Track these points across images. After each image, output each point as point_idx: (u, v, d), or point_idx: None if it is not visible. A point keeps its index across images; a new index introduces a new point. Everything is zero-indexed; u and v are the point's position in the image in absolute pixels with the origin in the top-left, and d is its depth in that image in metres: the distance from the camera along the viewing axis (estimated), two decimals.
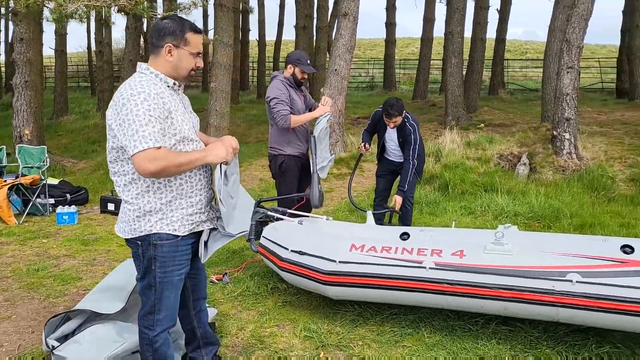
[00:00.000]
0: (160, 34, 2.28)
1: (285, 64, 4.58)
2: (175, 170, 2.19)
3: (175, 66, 2.30)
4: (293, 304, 3.81)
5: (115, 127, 2.17)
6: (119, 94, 2.20)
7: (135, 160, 2.12)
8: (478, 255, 3.09)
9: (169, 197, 2.30)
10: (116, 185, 2.33)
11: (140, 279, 2.39)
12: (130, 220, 2.30)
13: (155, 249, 2.30)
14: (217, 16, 9.47)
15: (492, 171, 7.87)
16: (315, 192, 4.19)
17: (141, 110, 2.13)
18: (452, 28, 11.28)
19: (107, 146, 2.29)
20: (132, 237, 2.32)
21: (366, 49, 48.51)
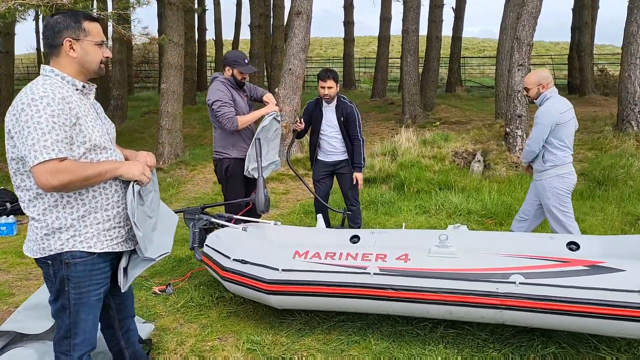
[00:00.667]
0: (56, 31, 2.08)
1: (223, 65, 4.43)
2: (82, 184, 2.01)
3: (81, 61, 2.11)
4: (238, 314, 3.65)
5: (15, 135, 1.97)
6: (18, 98, 1.99)
7: (35, 173, 1.92)
8: (422, 259, 3.02)
9: (81, 212, 2.11)
10: (20, 201, 2.11)
11: (53, 301, 2.19)
12: (38, 239, 2.10)
13: (68, 269, 2.11)
14: (167, 15, 9.21)
15: (447, 169, 7.89)
16: (261, 197, 4.05)
17: (43, 117, 1.93)
18: (407, 26, 11.30)
19: (7, 157, 2.07)
20: (41, 257, 2.11)
21: (327, 48, 48.59)
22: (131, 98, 18.91)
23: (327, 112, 4.90)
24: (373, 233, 4.08)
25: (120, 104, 13.27)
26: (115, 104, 13.24)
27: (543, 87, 4.05)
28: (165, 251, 2.32)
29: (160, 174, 8.75)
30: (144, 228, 2.21)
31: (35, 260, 2.18)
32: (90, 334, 2.25)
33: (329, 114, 4.89)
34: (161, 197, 6.94)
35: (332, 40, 49.75)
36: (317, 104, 4.95)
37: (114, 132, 2.33)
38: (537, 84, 4.06)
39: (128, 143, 12.23)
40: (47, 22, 2.14)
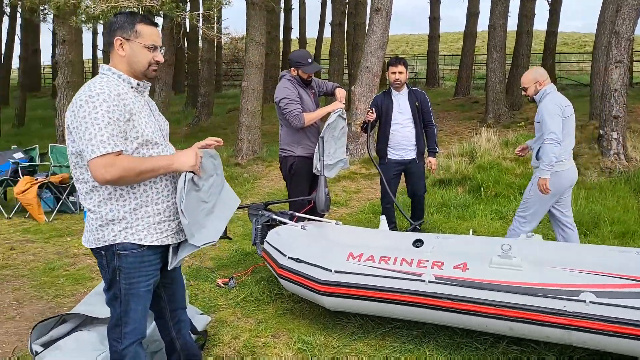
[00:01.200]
0: (111, 29, 2.18)
1: (289, 66, 4.45)
2: (135, 179, 2.08)
3: (129, 61, 2.19)
4: (294, 312, 3.66)
5: (73, 131, 2.07)
6: (77, 95, 2.10)
7: (91, 166, 2.01)
8: (482, 269, 2.83)
9: (132, 205, 2.17)
10: (79, 193, 2.23)
11: (107, 290, 2.30)
12: (93, 230, 2.19)
13: (120, 260, 2.19)
14: (249, 14, 9.44)
15: (530, 173, 7.40)
16: (322, 196, 4.02)
17: (100, 113, 2.02)
18: (494, 21, 10.76)
19: (67, 151, 2.19)
20: (95, 247, 2.22)
21: (414, 45, 47.73)
22: (219, 95, 19.73)
23: (399, 99, 4.87)
24: (437, 238, 3.89)
25: (207, 101, 13.85)
26: (202, 101, 13.85)
27: (540, 84, 3.99)
28: (211, 240, 2.33)
29: (238, 169, 9.04)
30: (194, 215, 2.23)
31: (91, 250, 2.29)
32: (140, 323, 2.33)
33: (401, 101, 4.86)
34: (237, 192, 7.13)
35: (419, 37, 48.76)
36: (386, 94, 4.94)
37: (167, 129, 2.41)
38: (534, 81, 4.00)
39: None
40: (108, 22, 2.27)
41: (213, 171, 2.40)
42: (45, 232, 5.85)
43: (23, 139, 13.47)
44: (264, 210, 4.22)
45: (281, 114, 4.32)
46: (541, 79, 3.99)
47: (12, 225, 6.13)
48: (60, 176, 6.51)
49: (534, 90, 4.01)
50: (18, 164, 6.48)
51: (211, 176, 2.38)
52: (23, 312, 3.75)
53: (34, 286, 4.22)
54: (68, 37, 9.90)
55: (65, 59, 10.02)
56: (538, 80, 3.99)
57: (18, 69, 19.16)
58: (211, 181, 2.38)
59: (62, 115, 10.21)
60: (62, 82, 10.11)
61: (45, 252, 5.16)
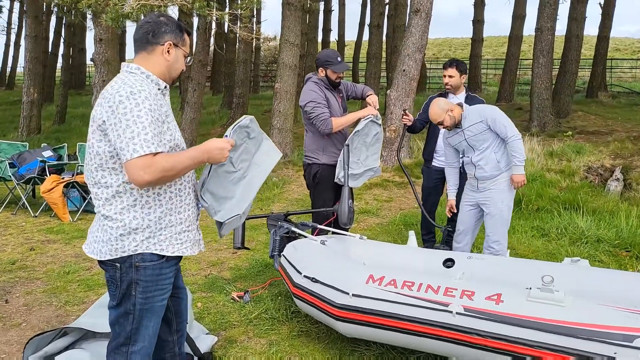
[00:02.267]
0: (160, 31, 2.10)
1: (316, 66, 4.19)
2: (174, 177, 1.99)
3: (170, 66, 2.14)
4: (310, 334, 3.38)
5: (110, 127, 1.91)
6: (112, 90, 1.95)
7: (129, 166, 1.88)
8: (519, 302, 2.48)
9: (157, 213, 2.06)
10: (95, 198, 2.06)
11: (116, 306, 2.11)
12: (112, 240, 2.02)
13: (138, 272, 2.05)
14: (284, 15, 9.24)
15: (577, 186, 6.90)
16: (345, 208, 3.74)
17: (143, 111, 1.90)
18: (542, 24, 10.20)
19: (90, 151, 2.03)
20: (110, 259, 2.04)
21: (457, 49, 46.89)
22: (256, 97, 19.69)
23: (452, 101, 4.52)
24: (470, 258, 3.57)
25: (241, 102, 13.78)
26: (237, 102, 13.77)
27: (451, 110, 3.91)
28: (236, 213, 2.29)
29: (269, 173, 8.82)
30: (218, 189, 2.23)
31: (99, 263, 2.12)
32: (150, 342, 2.18)
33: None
34: (266, 196, 6.93)
35: (462, 41, 47.80)
36: (442, 95, 4.63)
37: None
38: (445, 111, 3.90)
39: None
40: (150, 18, 2.16)
41: (242, 140, 2.30)
42: (67, 232, 5.78)
43: (62, 136, 13.74)
44: (284, 221, 3.96)
45: (307, 118, 4.07)
46: (448, 107, 3.92)
47: (37, 224, 6.10)
48: None
49: (449, 119, 3.90)
50: (45, 162, 6.45)
51: (240, 145, 2.29)
52: (30, 319, 3.61)
53: (46, 291, 4.10)
54: (105, 36, 9.95)
55: (101, 58, 10.08)
56: (447, 109, 3.91)
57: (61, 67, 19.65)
58: (240, 150, 2.29)
59: None
60: (98, 80, 10.17)
61: (64, 254, 5.06)
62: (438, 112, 3.94)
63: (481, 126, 3.83)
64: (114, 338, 2.17)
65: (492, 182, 3.91)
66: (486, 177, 3.92)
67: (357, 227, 6.28)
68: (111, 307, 2.16)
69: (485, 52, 41.25)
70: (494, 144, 3.86)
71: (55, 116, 16.09)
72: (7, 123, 16.02)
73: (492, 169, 3.89)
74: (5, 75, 29.92)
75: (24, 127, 13.46)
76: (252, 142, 2.36)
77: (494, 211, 3.91)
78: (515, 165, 3.80)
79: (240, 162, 2.31)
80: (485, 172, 3.91)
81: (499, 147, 3.87)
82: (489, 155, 3.88)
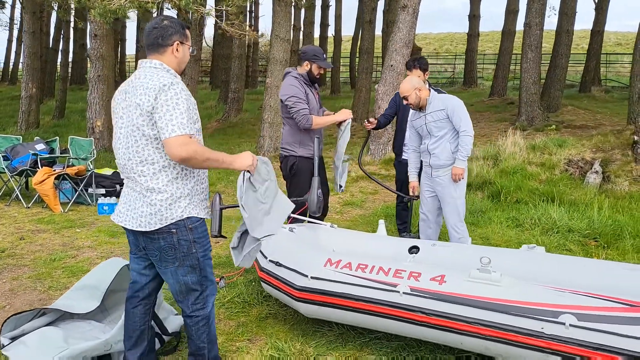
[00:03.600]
0: (167, 33, 2.43)
1: (300, 59, 4.34)
2: (201, 163, 2.30)
3: (180, 61, 2.49)
4: (277, 316, 3.56)
5: (154, 111, 2.25)
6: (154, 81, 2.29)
7: (169, 143, 2.22)
8: (460, 282, 2.65)
9: (192, 183, 2.44)
10: (142, 175, 2.36)
11: (178, 266, 2.45)
12: (162, 209, 2.36)
13: (192, 232, 2.43)
14: (275, 11, 9.39)
15: (557, 179, 7.04)
16: (314, 198, 3.91)
17: (181, 99, 2.27)
18: (530, 19, 10.31)
19: (134, 135, 2.33)
20: (162, 227, 2.36)
21: (458, 43, 46.76)
22: (253, 92, 19.85)
23: None
24: (434, 245, 3.74)
25: (237, 97, 13.94)
26: (233, 96, 13.94)
27: (419, 90, 4.09)
28: (270, 233, 2.61)
29: None
30: (253, 211, 2.52)
31: (147, 234, 2.40)
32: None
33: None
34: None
35: (464, 36, 47.73)
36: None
37: None
38: (413, 89, 4.09)
39: (239, 134, 12.83)
40: (156, 24, 2.46)
41: (267, 176, 2.65)
42: (57, 222, 5.98)
43: (61, 131, 13.94)
44: None
45: (287, 112, 4.22)
46: (419, 86, 4.10)
47: (29, 215, 6.30)
48: (77, 168, 6.65)
49: (415, 97, 4.09)
50: (37, 155, 6.65)
51: (266, 181, 2.64)
52: (14, 302, 3.81)
53: (32, 277, 4.29)
54: (99, 31, 10.15)
55: (96, 53, 10.29)
56: (416, 87, 4.08)
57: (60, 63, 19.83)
58: (266, 185, 2.64)
59: (92, 108, 10.50)
60: (93, 75, 10.39)
61: (52, 243, 5.26)
62: (407, 88, 4.13)
63: (441, 114, 4.01)
64: (186, 294, 2.52)
65: (445, 171, 4.10)
66: (439, 166, 4.11)
67: (341, 218, 6.46)
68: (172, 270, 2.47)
69: (486, 47, 41.17)
70: (450, 134, 4.04)
71: (55, 111, 16.31)
72: (8, 118, 16.25)
73: (445, 159, 4.08)
74: (7, 71, 30.18)
75: (23, 122, 13.68)
76: (273, 184, 2.70)
77: (447, 199, 4.12)
78: (457, 158, 4.01)
79: (266, 197, 2.64)
80: (439, 161, 4.10)
81: (454, 139, 4.04)
82: (444, 144, 4.07)
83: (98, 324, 3.28)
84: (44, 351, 2.68)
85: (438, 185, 4.16)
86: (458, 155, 4.00)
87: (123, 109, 2.40)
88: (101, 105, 10.41)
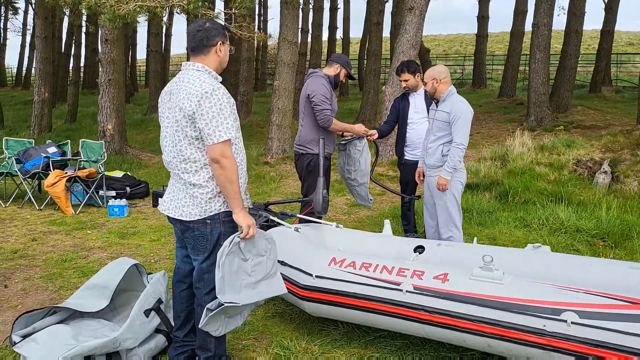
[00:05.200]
0: (211, 35, 2.54)
1: (332, 61, 4.46)
2: (224, 180, 2.44)
3: (222, 61, 2.60)
4: (284, 315, 3.60)
5: (198, 117, 2.38)
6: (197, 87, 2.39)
7: (214, 148, 2.39)
8: (463, 281, 2.68)
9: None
10: (185, 172, 2.52)
11: (207, 257, 2.59)
12: (202, 202, 2.52)
13: (224, 225, 2.58)
14: (282, 13, 9.46)
15: (565, 179, 7.01)
16: (319, 198, 3.95)
17: (224, 103, 2.41)
18: (538, 20, 10.28)
19: (178, 134, 2.48)
20: (202, 218, 2.52)
21: (468, 45, 46.55)
22: (262, 95, 19.93)
23: (415, 98, 4.89)
24: (440, 245, 3.76)
25: (246, 99, 14.03)
26: (242, 99, 14.03)
27: (437, 81, 4.07)
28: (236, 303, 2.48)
29: (266, 168, 9.07)
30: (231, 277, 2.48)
31: (183, 224, 2.59)
32: None
33: (418, 100, 4.87)
34: (262, 190, 7.21)
35: (473, 38, 47.53)
36: (404, 95, 4.98)
37: None
38: (431, 78, 4.09)
39: (248, 137, 12.89)
40: (200, 26, 2.58)
41: (264, 252, 2.66)
42: (69, 224, 6.07)
43: (72, 134, 14.10)
44: (264, 210, 4.18)
45: (311, 108, 4.26)
46: (439, 77, 4.07)
47: (41, 217, 6.40)
48: (87, 170, 6.74)
49: (430, 86, 4.11)
50: (49, 158, 6.75)
51: (261, 256, 2.65)
52: (26, 302, 3.88)
53: (43, 277, 4.37)
54: (110, 36, 10.27)
55: (107, 58, 10.41)
56: (435, 78, 4.07)
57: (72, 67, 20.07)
58: (259, 260, 2.63)
59: (103, 112, 10.62)
60: (104, 79, 10.50)
61: (64, 244, 5.34)
62: (428, 75, 4.15)
63: (445, 116, 4.03)
64: (207, 285, 2.63)
65: (435, 172, 4.13)
66: (430, 166, 4.17)
67: (348, 219, 6.49)
68: (201, 260, 2.62)
69: (496, 48, 40.92)
70: (447, 139, 4.06)
71: (67, 115, 16.51)
72: (21, 122, 16.46)
73: (435, 160, 4.13)
74: (21, 76, 30.60)
75: (35, 126, 13.86)
76: (269, 262, 2.69)
77: (438, 201, 4.14)
78: (443, 168, 4.02)
79: (254, 272, 2.60)
80: (430, 160, 4.17)
81: (449, 144, 4.04)
82: (438, 146, 4.10)
83: (107, 322, 3.33)
84: (55, 348, 2.74)
85: (431, 184, 4.21)
86: (445, 165, 4.00)
87: (169, 109, 2.54)
88: (112, 109, 10.53)
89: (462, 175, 4.15)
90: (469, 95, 17.67)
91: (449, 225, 4.13)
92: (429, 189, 4.27)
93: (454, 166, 3.99)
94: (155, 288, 3.18)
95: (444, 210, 4.13)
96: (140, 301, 3.05)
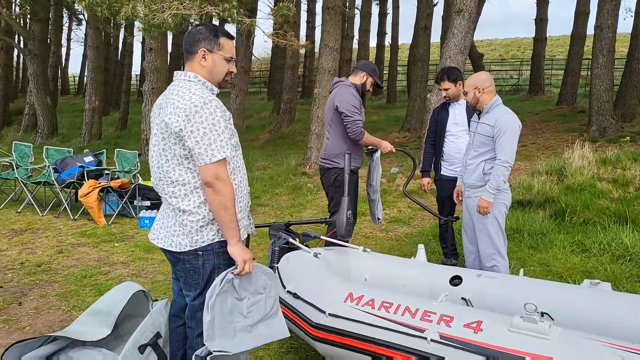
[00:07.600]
0: (195, 40, 2.25)
1: (357, 70, 4.17)
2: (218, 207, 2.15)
3: (210, 71, 2.28)
4: (299, 351, 3.25)
5: (187, 134, 2.10)
6: (185, 101, 2.12)
7: (206, 169, 2.11)
8: (500, 332, 2.23)
9: None
10: (173, 196, 2.23)
11: (199, 294, 2.30)
12: (192, 231, 2.22)
13: (218, 258, 2.27)
14: (324, 19, 9.17)
15: (631, 198, 6.28)
16: (342, 219, 3.59)
17: (216, 118, 2.12)
18: (602, 21, 9.47)
19: (164, 154, 2.20)
20: (192, 249, 2.23)
21: (526, 49, 44.85)
22: (307, 102, 19.76)
23: (455, 109, 4.44)
24: (479, 276, 3.30)
25: (289, 107, 13.84)
26: (285, 107, 13.85)
27: (479, 91, 3.61)
28: (228, 352, 2.16)
29: (304, 179, 8.77)
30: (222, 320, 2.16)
31: (172, 255, 2.30)
32: None
33: (458, 111, 4.42)
34: (298, 202, 6.97)
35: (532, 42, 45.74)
36: (444, 104, 4.53)
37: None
38: (473, 87, 3.62)
39: (289, 145, 12.68)
40: (189, 30, 2.32)
41: (262, 290, 2.36)
42: (98, 236, 5.98)
43: (122, 142, 14.41)
44: (284, 231, 3.85)
45: (337, 120, 4.00)
46: (482, 86, 3.61)
47: (73, 227, 6.35)
48: (120, 181, 6.66)
49: (471, 96, 3.64)
50: (84, 167, 6.72)
51: (259, 294, 2.34)
52: (35, 323, 3.72)
53: (59, 294, 4.22)
54: (155, 45, 10.33)
55: (151, 66, 10.48)
56: (477, 87, 3.61)
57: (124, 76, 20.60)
58: (256, 299, 2.32)
59: (147, 119, 10.69)
60: (147, 88, 10.57)
61: (88, 257, 5.22)
62: (469, 83, 3.71)
63: (489, 130, 3.56)
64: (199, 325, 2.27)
65: (475, 192, 3.67)
66: (470, 185, 3.71)
67: (385, 237, 6.07)
68: (193, 297, 2.33)
69: (556, 52, 39.13)
70: (490, 155, 3.59)
71: (118, 122, 16.92)
72: (75, 129, 17.01)
73: (475, 179, 3.66)
74: (82, 84, 31.94)
75: (86, 133, 14.23)
76: (269, 301, 2.37)
77: (478, 225, 3.68)
78: (485, 189, 3.55)
79: (250, 312, 2.29)
80: (469, 179, 3.71)
81: (492, 162, 3.58)
82: (479, 162, 3.63)
83: (109, 352, 3.09)
84: None
85: (470, 206, 3.74)
86: (487, 185, 3.54)
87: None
88: None
89: (507, 197, 3.66)
90: (524, 102, 16.74)
91: (492, 253, 3.65)
92: (467, 210, 3.81)
93: (497, 187, 3.52)
94: (154, 319, 2.90)
95: (484, 235, 3.65)
96: (136, 335, 2.78)
